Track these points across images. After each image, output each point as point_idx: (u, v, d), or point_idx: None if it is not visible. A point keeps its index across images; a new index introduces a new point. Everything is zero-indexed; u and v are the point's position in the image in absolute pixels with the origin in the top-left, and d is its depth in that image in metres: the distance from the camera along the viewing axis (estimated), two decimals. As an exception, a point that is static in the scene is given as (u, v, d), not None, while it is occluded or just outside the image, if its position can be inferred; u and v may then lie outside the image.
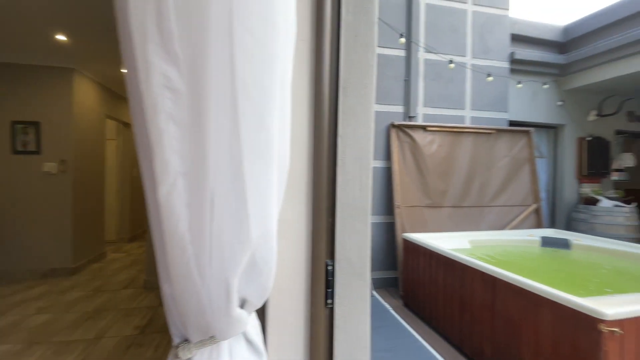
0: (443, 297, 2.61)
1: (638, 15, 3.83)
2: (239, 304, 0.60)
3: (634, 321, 1.43)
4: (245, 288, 0.57)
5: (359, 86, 0.76)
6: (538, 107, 4.82)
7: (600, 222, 4.32)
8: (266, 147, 0.50)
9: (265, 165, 0.51)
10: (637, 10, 3.81)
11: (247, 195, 0.50)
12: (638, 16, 3.83)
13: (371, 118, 0.77)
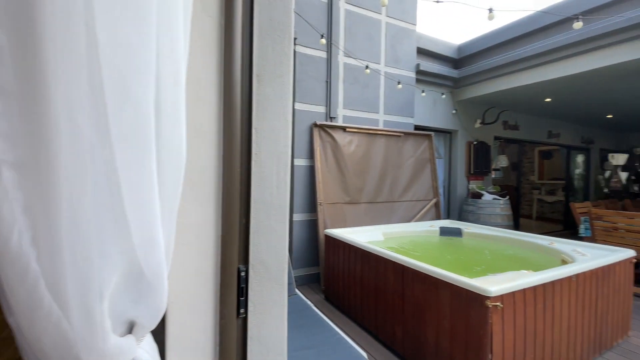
0: (360, 288, 2.76)
1: (513, 40, 4.68)
2: (125, 329, 0.48)
3: (510, 295, 1.73)
4: (132, 308, 0.46)
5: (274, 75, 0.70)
6: (437, 114, 5.52)
7: (484, 212, 5.17)
8: (137, 127, 0.40)
9: (138, 152, 0.40)
10: (512, 36, 4.66)
11: (122, 192, 0.39)
12: (513, 42, 4.69)
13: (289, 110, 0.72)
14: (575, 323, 2.14)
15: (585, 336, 2.23)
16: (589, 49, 3.72)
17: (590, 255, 2.49)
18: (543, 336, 1.91)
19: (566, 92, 5.04)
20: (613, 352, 2.48)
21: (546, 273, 1.96)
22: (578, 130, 8.16)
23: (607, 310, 2.41)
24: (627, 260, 2.57)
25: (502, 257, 3.25)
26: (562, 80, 4.25)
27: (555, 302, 1.99)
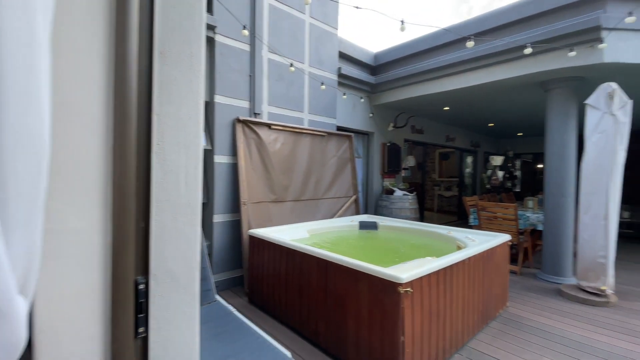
0: (285, 287, 2.73)
1: (420, 53, 5.24)
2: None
3: (418, 281, 1.92)
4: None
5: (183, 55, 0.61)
6: (357, 116, 5.85)
7: (395, 207, 5.69)
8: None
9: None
10: (420, 50, 5.22)
11: None
12: (420, 54, 5.25)
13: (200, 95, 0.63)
14: (469, 300, 2.51)
15: (476, 310, 2.64)
16: (478, 67, 4.41)
17: (478, 240, 2.94)
18: (444, 314, 2.18)
19: (460, 102, 5.89)
20: (496, 321, 2.99)
21: (446, 258, 2.24)
22: (468, 135, 9.66)
23: (491, 286, 2.89)
24: (504, 243, 3.13)
25: (411, 246, 3.62)
26: (458, 91, 4.95)
27: (454, 283, 2.29)
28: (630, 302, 3.53)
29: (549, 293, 3.77)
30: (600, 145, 3.41)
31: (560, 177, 4.11)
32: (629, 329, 2.88)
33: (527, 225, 4.90)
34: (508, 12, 4.13)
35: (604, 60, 3.36)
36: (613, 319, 3.08)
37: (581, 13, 3.52)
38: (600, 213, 3.42)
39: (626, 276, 4.38)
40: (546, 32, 3.65)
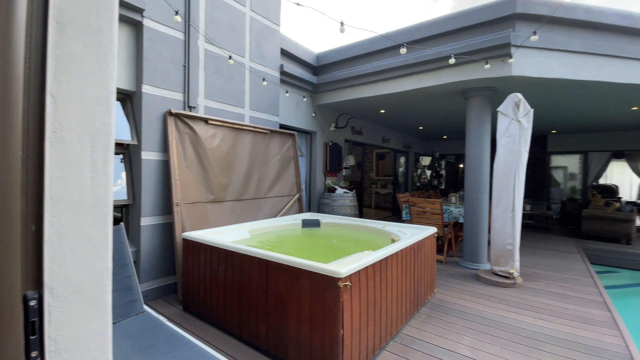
0: (224, 291, 2.60)
1: (359, 57, 5.45)
2: None
3: (356, 274, 1.99)
4: None
5: (88, 28, 0.52)
6: (300, 115, 5.87)
7: (337, 204, 5.85)
8: None
9: None
10: (359, 53, 5.42)
11: None
12: (359, 58, 5.46)
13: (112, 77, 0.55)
14: (402, 289, 2.69)
15: (408, 298, 2.84)
16: (410, 73, 4.76)
17: (409, 233, 3.18)
18: (380, 304, 2.30)
19: (395, 106, 6.30)
20: (426, 307, 3.26)
21: (382, 251, 2.36)
22: (401, 137, 10.39)
23: (421, 275, 3.14)
24: (432, 235, 3.43)
25: (351, 241, 3.75)
26: (392, 96, 5.28)
27: (388, 275, 2.43)
28: (532, 282, 4.16)
29: (468, 278, 4.25)
30: (509, 147, 3.95)
31: (477, 176, 4.66)
32: (532, 305, 3.40)
33: (451, 218, 5.46)
34: (435, 24, 4.54)
35: (512, 73, 3.90)
36: (519, 298, 3.60)
37: (495, 30, 4.03)
38: (508, 206, 3.96)
39: (529, 260, 5.16)
40: (467, 45, 4.09)
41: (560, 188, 10.61)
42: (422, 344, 2.51)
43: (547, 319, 3.04)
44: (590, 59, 4.03)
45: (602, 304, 3.44)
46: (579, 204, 8.64)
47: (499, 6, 3.97)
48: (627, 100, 5.27)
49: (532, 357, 2.38)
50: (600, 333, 2.76)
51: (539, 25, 3.77)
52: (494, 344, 2.56)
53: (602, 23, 3.98)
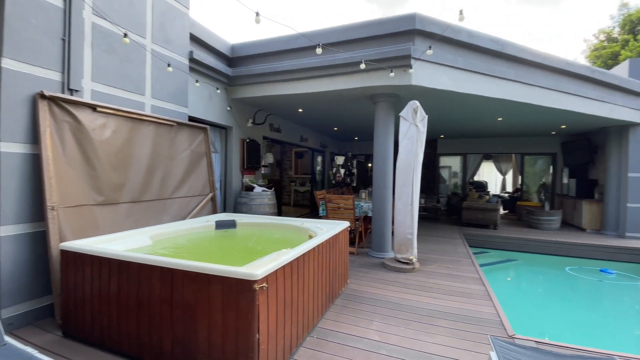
0: (118, 308, 2.23)
1: (277, 53, 5.36)
2: None
3: (273, 274, 1.93)
4: None
5: None
6: (213, 108, 5.48)
7: (255, 203, 5.68)
8: None
9: None
10: (277, 49, 5.33)
11: None
12: (277, 54, 5.37)
13: None
14: (318, 284, 2.75)
15: (324, 292, 2.92)
16: (325, 75, 4.92)
17: (325, 228, 3.28)
18: (297, 301, 2.30)
19: (312, 106, 6.44)
20: (340, 298, 3.42)
21: (299, 248, 2.37)
22: (319, 137, 10.75)
23: (336, 268, 3.28)
24: (345, 229, 3.61)
25: (270, 240, 3.69)
26: (309, 95, 5.38)
27: (305, 271, 2.45)
28: (427, 266, 4.77)
29: (376, 267, 4.64)
30: (408, 148, 4.43)
31: (383, 173, 5.11)
32: (428, 286, 3.89)
33: (361, 212, 5.88)
34: (349, 30, 4.79)
35: (412, 82, 4.38)
36: (418, 281, 4.08)
37: (399, 42, 4.46)
38: (408, 200, 4.45)
39: (423, 247, 5.92)
40: (375, 53, 4.43)
41: (446, 184, 12.58)
42: (336, 335, 2.61)
43: (440, 297, 3.52)
44: (470, 75, 4.83)
45: (479, 280, 4.17)
46: (460, 197, 10.36)
47: (401, 20, 4.42)
48: (495, 112, 6.51)
49: (429, 332, 2.72)
50: (479, 305, 3.34)
51: (433, 42, 4.33)
52: (398, 325, 2.84)
53: (479, 46, 4.81)
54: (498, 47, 4.95)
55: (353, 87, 4.80)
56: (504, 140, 11.08)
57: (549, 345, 2.53)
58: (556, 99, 5.76)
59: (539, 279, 6.00)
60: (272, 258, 2.06)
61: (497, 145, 11.26)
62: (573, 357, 1.75)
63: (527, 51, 5.26)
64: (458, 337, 2.64)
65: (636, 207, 7.29)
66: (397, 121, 5.13)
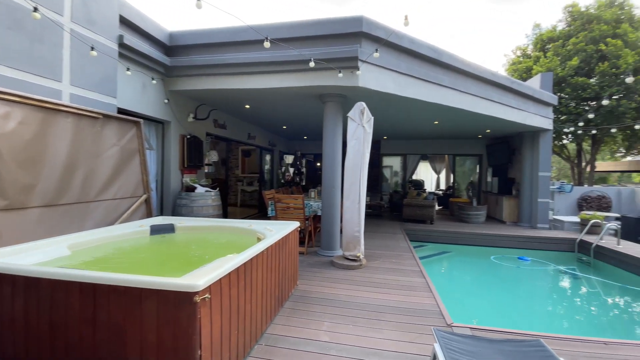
0: (25, 335, 1.86)
1: (222, 45, 5.04)
2: None
3: (217, 283, 1.78)
4: None
5: None
6: (148, 100, 4.97)
7: (197, 205, 5.30)
8: None
9: None
10: (222, 41, 5.01)
11: None
12: (222, 46, 5.04)
13: None
14: (267, 288, 2.64)
15: (273, 296, 2.82)
16: (274, 71, 4.78)
17: (275, 230, 3.17)
18: (244, 309, 2.17)
19: (260, 103, 6.23)
20: (290, 300, 3.34)
21: (246, 253, 2.23)
22: (267, 135, 10.49)
23: (285, 270, 3.19)
24: (295, 230, 3.54)
25: (214, 245, 3.45)
26: (257, 91, 5.18)
27: (254, 276, 2.32)
28: (373, 262, 4.93)
29: (326, 265, 4.66)
30: (356, 148, 4.53)
31: (332, 172, 5.16)
32: (374, 282, 4.01)
33: (311, 212, 5.87)
34: (299, 27, 4.70)
35: (359, 84, 4.48)
36: (365, 277, 4.19)
37: (347, 44, 4.52)
38: (356, 199, 4.55)
39: (369, 243, 6.13)
40: (324, 52, 4.43)
41: (389, 183, 13.29)
42: (286, 340, 2.53)
43: (386, 292, 3.66)
44: (411, 80, 5.10)
45: (420, 272, 4.43)
46: (401, 195, 11.01)
47: (349, 22, 4.48)
48: (433, 116, 7.01)
49: (377, 327, 2.80)
50: (421, 297, 3.54)
51: (379, 46, 4.47)
52: (348, 323, 2.87)
53: (419, 52, 5.10)
54: (436, 55, 5.32)
55: (302, 86, 4.75)
56: (438, 142, 12.04)
57: (482, 331, 2.77)
58: (484, 106, 6.41)
59: (469, 269, 6.62)
60: (216, 265, 1.91)
61: (433, 147, 12.21)
62: (504, 341, 1.92)
63: (459, 60, 5.74)
64: (403, 330, 2.75)
65: (544, 201, 8.48)
66: (345, 121, 5.21)
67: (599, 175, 19.54)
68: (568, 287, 5.55)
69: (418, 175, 13.50)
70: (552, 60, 13.19)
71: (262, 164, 10.71)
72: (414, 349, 2.44)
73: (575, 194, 9.83)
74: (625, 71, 11.17)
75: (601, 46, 12.02)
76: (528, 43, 15.82)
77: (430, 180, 14.31)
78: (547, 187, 8.48)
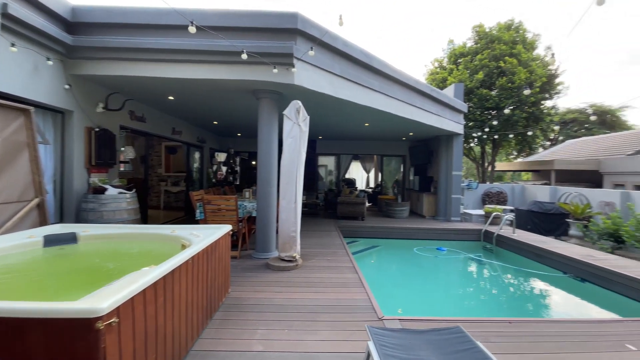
0: None
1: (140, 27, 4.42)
2: None
3: (128, 303, 1.51)
4: None
5: None
6: (42, 84, 4.12)
7: (108, 209, 4.59)
8: None
9: None
10: (139, 22, 4.40)
11: None
12: (140, 28, 4.42)
13: None
14: (193, 301, 2.39)
15: (200, 309, 2.57)
16: (202, 61, 4.39)
17: (203, 235, 2.90)
18: (164, 329, 1.92)
19: (186, 95, 5.71)
20: (220, 310, 3.09)
21: (167, 264, 1.97)
22: (195, 130, 9.72)
23: (214, 278, 2.95)
24: (227, 234, 3.30)
25: (128, 257, 3.01)
26: (182, 82, 4.72)
27: (175, 290, 2.07)
28: (309, 261, 4.92)
29: (260, 269, 4.49)
30: (292, 147, 4.45)
31: (268, 172, 5.00)
32: (310, 282, 3.99)
33: (245, 213, 5.61)
34: (231, 16, 4.40)
35: (294, 82, 4.40)
36: (300, 277, 4.14)
37: (282, 39, 4.39)
38: (292, 198, 4.48)
39: (305, 242, 6.12)
40: (259, 46, 4.24)
41: (324, 181, 13.59)
42: (216, 356, 2.32)
43: (321, 291, 3.66)
44: (345, 82, 5.23)
45: (353, 268, 4.57)
46: (335, 193, 11.34)
47: (284, 17, 4.36)
48: (364, 118, 7.33)
49: (312, 329, 2.76)
50: (354, 293, 3.63)
51: (314, 45, 4.46)
52: (283, 328, 2.78)
53: (352, 56, 5.25)
54: (367, 59, 5.55)
55: (235, 79, 4.47)
56: (368, 143, 12.73)
57: (410, 321, 2.95)
58: (409, 111, 6.94)
59: (396, 261, 7.12)
60: (128, 281, 1.63)
61: (364, 147, 12.86)
62: (430, 331, 2.05)
63: (388, 66, 6.10)
64: (338, 329, 2.77)
65: (457, 197, 9.60)
66: (281, 119, 5.08)
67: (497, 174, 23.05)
68: (476, 272, 6.36)
69: (350, 174, 14.08)
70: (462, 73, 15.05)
71: (189, 162, 9.89)
72: (349, 347, 2.47)
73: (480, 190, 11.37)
74: (524, 85, 13.36)
75: (500, 63, 14.14)
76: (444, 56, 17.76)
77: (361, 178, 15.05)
78: (459, 184, 9.61)
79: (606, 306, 4.45)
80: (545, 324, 3.03)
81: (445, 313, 4.22)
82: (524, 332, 2.82)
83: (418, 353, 1.80)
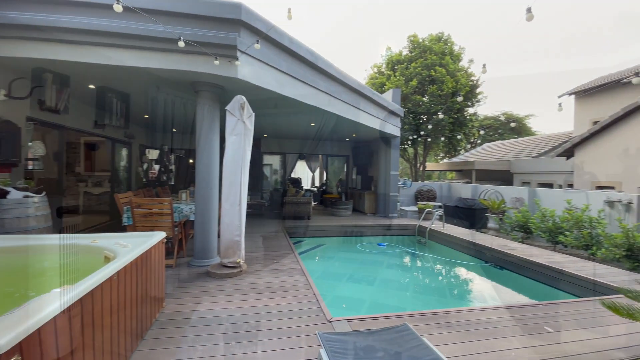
0: None
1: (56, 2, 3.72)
2: None
3: (35, 334, 1.22)
4: None
5: None
6: None
7: (10, 216, 3.81)
8: None
9: None
10: None
11: None
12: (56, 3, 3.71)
13: None
14: (118, 323, 2.07)
15: (128, 331, 2.25)
16: (131, 46, 3.88)
17: (131, 244, 2.55)
18: None
19: (111, 83, 5.03)
20: (153, 329, 2.76)
21: (84, 283, 1.67)
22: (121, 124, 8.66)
23: (145, 293, 2.62)
24: (160, 242, 2.97)
25: (35, 274, 2.52)
26: (106, 68, 4.13)
27: (96, 311, 1.76)
28: (254, 265, 4.72)
29: (200, 277, 4.16)
30: (236, 145, 4.21)
31: (208, 171, 4.66)
32: (255, 288, 3.81)
33: (182, 217, 5.16)
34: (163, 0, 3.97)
35: (238, 76, 4.15)
36: (245, 284, 3.94)
37: (224, 29, 4.10)
38: (236, 200, 4.24)
39: (250, 245, 5.88)
40: (199, 35, 3.90)
41: (269, 181, 13.33)
42: (149, 380, 2.05)
43: (267, 297, 3.53)
44: (291, 80, 5.13)
45: (300, 270, 4.51)
46: (281, 193, 11.19)
47: (227, 7, 4.08)
48: (309, 117, 7.32)
49: (260, 339, 2.63)
50: (302, 296, 3.57)
51: (260, 39, 4.27)
52: (227, 342, 2.59)
53: (298, 54, 5.17)
54: (313, 58, 5.53)
55: (170, 69, 4.05)
56: (314, 142, 12.83)
57: (358, 320, 2.99)
58: (353, 113, 7.12)
59: (341, 258, 7.28)
60: (33, 309, 1.32)
61: (309, 147, 12.92)
62: (379, 331, 2.09)
63: (333, 68, 6.17)
64: (287, 336, 2.68)
65: (394, 195, 10.19)
66: (222, 116, 4.78)
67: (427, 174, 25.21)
68: (412, 265, 6.82)
69: (296, 173, 14.03)
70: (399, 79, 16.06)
71: (115, 160, 8.80)
72: (301, 355, 2.40)
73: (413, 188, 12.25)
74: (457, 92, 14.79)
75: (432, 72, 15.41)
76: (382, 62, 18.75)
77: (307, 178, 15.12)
78: (396, 183, 10.23)
79: (521, 290, 5.13)
80: (475, 312, 3.34)
81: (389, 308, 4.41)
82: (458, 322, 3.06)
83: (369, 355, 1.81)
